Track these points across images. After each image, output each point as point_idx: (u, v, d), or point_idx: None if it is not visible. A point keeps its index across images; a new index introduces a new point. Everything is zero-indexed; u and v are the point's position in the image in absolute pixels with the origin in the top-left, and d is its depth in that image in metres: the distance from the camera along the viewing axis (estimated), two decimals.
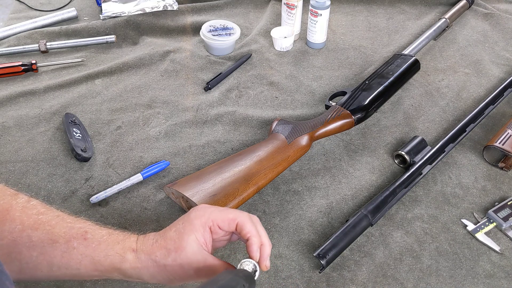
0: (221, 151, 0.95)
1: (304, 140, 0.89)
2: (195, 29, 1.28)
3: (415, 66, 1.08)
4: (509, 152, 0.90)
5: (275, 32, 1.23)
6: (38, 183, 0.88)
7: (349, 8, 1.41)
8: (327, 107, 1.01)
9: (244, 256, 0.72)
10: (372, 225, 0.80)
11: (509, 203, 0.84)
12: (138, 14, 1.28)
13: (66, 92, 1.08)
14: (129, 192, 0.87)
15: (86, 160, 0.91)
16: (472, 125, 0.98)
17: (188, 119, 1.02)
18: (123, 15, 1.28)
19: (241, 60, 1.18)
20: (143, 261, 0.56)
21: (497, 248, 0.78)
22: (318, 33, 1.21)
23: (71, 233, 0.56)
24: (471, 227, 0.81)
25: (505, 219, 0.81)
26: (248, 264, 0.56)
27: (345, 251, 0.77)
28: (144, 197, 0.86)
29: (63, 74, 1.14)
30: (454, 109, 1.06)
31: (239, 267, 0.55)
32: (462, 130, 0.96)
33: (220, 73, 1.14)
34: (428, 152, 0.90)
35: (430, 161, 0.90)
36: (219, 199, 0.77)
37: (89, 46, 1.23)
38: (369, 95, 0.98)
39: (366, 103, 0.97)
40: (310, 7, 1.19)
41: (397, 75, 1.04)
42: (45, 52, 1.19)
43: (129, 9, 1.30)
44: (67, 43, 1.21)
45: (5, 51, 1.18)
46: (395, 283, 0.74)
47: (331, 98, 1.05)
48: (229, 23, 1.23)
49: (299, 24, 1.25)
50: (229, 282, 0.49)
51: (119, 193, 0.86)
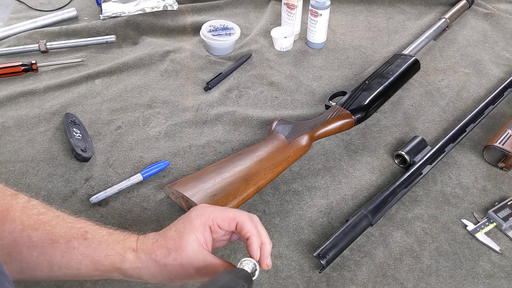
0: (221, 151, 0.95)
1: (304, 140, 0.89)
2: (195, 29, 1.28)
3: (415, 66, 1.08)
4: (509, 152, 0.90)
5: (275, 32, 1.23)
6: (38, 183, 0.88)
7: (349, 8, 1.41)
8: (327, 107, 1.01)
9: (244, 256, 0.72)
10: (372, 225, 0.80)
11: (509, 203, 0.84)
12: (138, 14, 1.28)
13: (66, 92, 1.08)
14: (129, 192, 0.87)
15: (86, 160, 0.91)
16: (472, 125, 0.98)
17: (188, 119, 1.02)
18: (123, 15, 1.28)
19: (241, 60, 1.18)
20: (143, 261, 0.56)
21: (497, 248, 0.78)
22: (318, 33, 1.21)
23: (71, 233, 0.56)
24: (471, 227, 0.81)
25: (505, 219, 0.81)
26: (248, 263, 0.56)
27: (345, 251, 0.77)
28: (144, 197, 0.86)
29: (63, 74, 1.14)
30: (454, 109, 1.06)
31: (238, 266, 0.55)
32: (462, 130, 0.96)
33: (220, 73, 1.13)
34: (428, 152, 0.90)
35: (430, 161, 0.90)
36: (219, 199, 0.77)
37: (89, 46, 1.23)
38: (369, 95, 0.98)
39: (366, 103, 0.97)
40: (310, 7, 1.19)
41: (397, 75, 1.04)
42: (45, 52, 1.19)
43: (129, 9, 1.30)
44: (67, 43, 1.21)
45: (5, 51, 1.18)
46: (395, 283, 0.74)
47: (331, 98, 1.05)
48: (229, 23, 1.23)
49: (299, 24, 1.25)
50: (228, 282, 0.49)
51: (119, 193, 0.86)
